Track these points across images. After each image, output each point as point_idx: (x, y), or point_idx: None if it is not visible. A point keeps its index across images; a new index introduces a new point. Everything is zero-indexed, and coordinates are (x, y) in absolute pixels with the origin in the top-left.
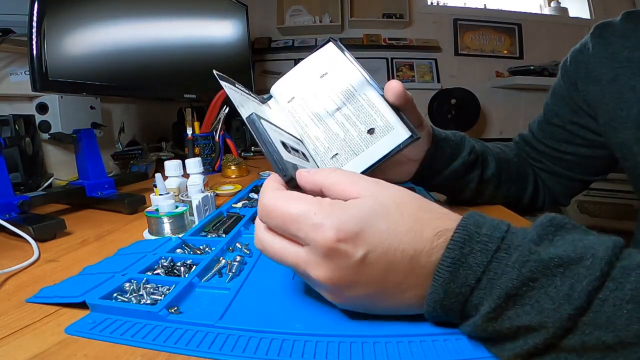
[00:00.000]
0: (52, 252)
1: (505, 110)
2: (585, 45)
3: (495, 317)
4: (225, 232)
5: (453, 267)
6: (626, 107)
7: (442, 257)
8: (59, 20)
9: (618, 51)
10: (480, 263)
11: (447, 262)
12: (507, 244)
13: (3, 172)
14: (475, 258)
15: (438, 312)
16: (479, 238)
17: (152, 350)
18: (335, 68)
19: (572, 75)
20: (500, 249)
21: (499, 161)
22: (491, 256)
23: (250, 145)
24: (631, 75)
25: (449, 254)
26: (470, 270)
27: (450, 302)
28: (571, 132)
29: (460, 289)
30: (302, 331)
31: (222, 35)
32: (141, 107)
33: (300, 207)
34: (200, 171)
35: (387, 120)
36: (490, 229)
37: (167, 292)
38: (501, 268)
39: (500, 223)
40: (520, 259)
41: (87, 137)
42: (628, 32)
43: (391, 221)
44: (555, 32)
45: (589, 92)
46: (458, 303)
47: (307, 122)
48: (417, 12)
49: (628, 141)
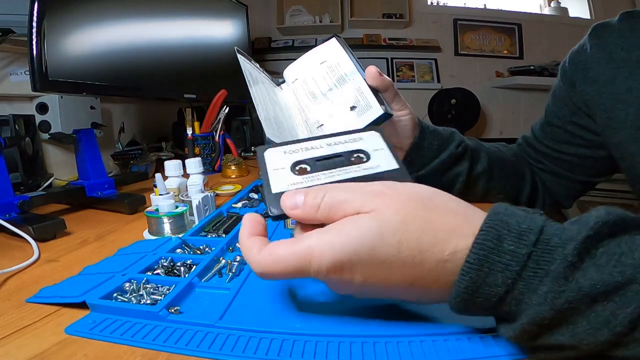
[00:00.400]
0: (52, 252)
1: (505, 110)
2: (583, 46)
3: (522, 338)
4: (225, 232)
5: (466, 295)
6: (623, 108)
7: (455, 283)
8: (59, 20)
9: (615, 51)
10: (501, 284)
11: (460, 287)
12: (534, 261)
13: (3, 172)
14: (495, 278)
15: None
16: (499, 257)
17: (152, 350)
18: (333, 58)
19: (570, 76)
20: (527, 268)
21: (492, 157)
22: (514, 278)
23: (250, 145)
24: (628, 75)
25: (461, 282)
26: (486, 298)
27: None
28: (571, 132)
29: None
30: (302, 331)
31: (222, 35)
32: (141, 107)
33: (292, 262)
34: (200, 171)
35: (367, 100)
36: (515, 240)
37: (167, 292)
38: (527, 295)
39: (531, 224)
40: (554, 289)
41: (87, 137)
42: (625, 32)
43: (390, 251)
44: (555, 32)
45: (587, 92)
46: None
47: (304, 98)
48: (417, 12)
49: (625, 141)
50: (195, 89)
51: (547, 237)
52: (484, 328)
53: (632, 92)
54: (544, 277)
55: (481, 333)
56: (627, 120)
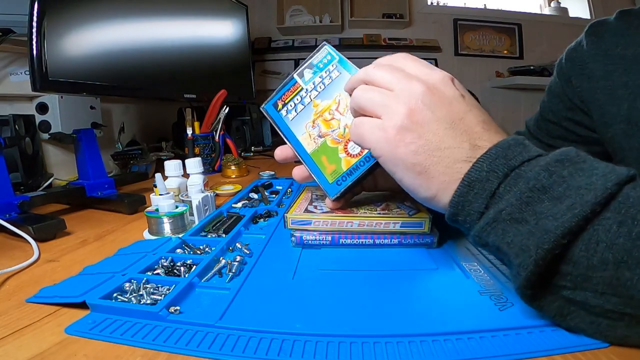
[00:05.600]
0: (52, 252)
1: (505, 110)
2: (580, 43)
3: (526, 202)
4: (225, 232)
5: (491, 156)
6: (617, 103)
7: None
8: (59, 20)
9: (611, 48)
10: (518, 157)
11: (487, 152)
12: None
13: (3, 172)
14: (514, 152)
15: (463, 195)
16: (521, 146)
17: (152, 350)
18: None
19: (566, 72)
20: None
21: None
22: (524, 160)
23: (250, 145)
24: (623, 72)
25: (489, 150)
26: (505, 161)
27: (482, 181)
28: (566, 128)
29: (490, 174)
30: (302, 331)
31: (222, 35)
32: (141, 107)
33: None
34: (200, 171)
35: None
36: (532, 147)
37: (167, 292)
38: (530, 167)
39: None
40: (552, 157)
41: (87, 137)
42: (622, 30)
43: (453, 94)
44: (555, 32)
45: (582, 88)
46: (491, 183)
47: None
48: (417, 12)
49: (617, 136)
50: (195, 89)
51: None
52: (484, 328)
53: (627, 88)
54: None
55: (481, 333)
56: (620, 115)
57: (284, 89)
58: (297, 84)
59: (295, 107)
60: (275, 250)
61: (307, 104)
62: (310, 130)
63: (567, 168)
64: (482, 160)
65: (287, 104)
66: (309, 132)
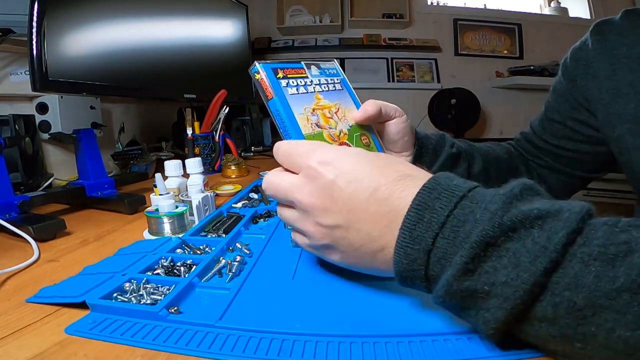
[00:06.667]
0: (52, 252)
1: (505, 110)
2: (585, 42)
3: (472, 269)
4: (225, 232)
5: (419, 209)
6: (623, 102)
7: (412, 202)
8: (59, 20)
9: (616, 48)
10: (445, 207)
11: (414, 204)
12: (475, 194)
13: (3, 172)
14: (440, 202)
15: (404, 266)
16: (448, 187)
17: (152, 350)
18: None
19: (571, 71)
20: (467, 197)
21: (486, 157)
22: (456, 202)
23: (250, 145)
24: (629, 71)
25: (417, 198)
26: (434, 214)
27: (415, 249)
28: (571, 128)
29: (424, 234)
30: (302, 331)
31: (222, 35)
32: (141, 107)
33: (299, 147)
34: (200, 171)
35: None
36: (462, 182)
37: (167, 292)
38: (466, 216)
39: (474, 182)
40: (501, 208)
41: (87, 137)
42: (627, 29)
43: (361, 159)
44: (555, 32)
45: (587, 87)
46: (423, 252)
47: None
48: (417, 12)
49: (624, 136)
50: (195, 89)
51: (487, 189)
52: None
53: (632, 87)
54: (489, 204)
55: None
56: (626, 114)
57: (287, 64)
58: (303, 70)
59: (297, 87)
60: (275, 250)
61: (309, 91)
62: (309, 114)
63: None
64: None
65: (288, 78)
66: (307, 116)
